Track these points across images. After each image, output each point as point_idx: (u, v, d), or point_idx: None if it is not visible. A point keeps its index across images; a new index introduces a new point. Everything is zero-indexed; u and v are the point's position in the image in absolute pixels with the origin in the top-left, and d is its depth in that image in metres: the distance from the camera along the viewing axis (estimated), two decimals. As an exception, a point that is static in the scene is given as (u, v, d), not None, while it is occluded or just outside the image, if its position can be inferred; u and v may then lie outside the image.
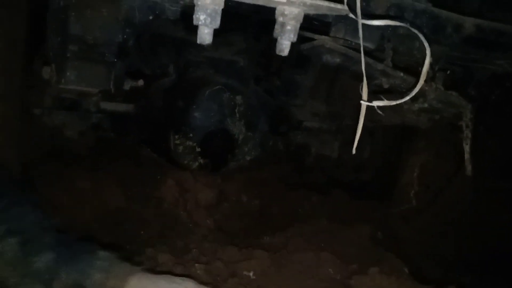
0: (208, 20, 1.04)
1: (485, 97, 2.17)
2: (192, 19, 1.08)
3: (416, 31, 1.22)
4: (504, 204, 2.25)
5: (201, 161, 2.56)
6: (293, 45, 1.17)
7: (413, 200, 2.60)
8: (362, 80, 1.27)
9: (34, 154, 2.22)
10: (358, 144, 1.31)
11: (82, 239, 1.24)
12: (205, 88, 2.50)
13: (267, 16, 1.21)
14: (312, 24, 1.68)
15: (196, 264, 1.74)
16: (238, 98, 2.59)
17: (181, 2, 1.63)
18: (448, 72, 1.90)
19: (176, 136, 2.51)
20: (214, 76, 2.55)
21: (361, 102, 1.19)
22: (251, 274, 1.76)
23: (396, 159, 2.86)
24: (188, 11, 1.68)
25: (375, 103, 1.22)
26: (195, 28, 1.09)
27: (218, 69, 2.56)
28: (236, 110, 2.59)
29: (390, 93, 1.67)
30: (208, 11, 1.03)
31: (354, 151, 1.30)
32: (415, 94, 1.33)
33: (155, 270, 1.56)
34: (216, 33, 1.10)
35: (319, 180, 2.86)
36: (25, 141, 2.08)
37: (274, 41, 1.18)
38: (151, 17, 1.68)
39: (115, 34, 1.71)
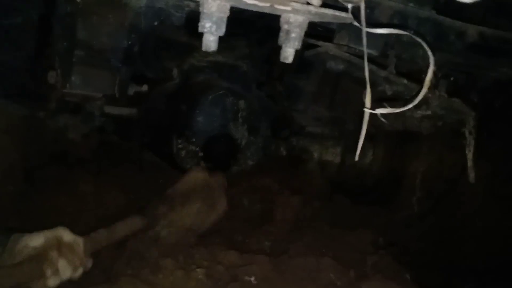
0: (214, 27, 1.05)
1: (489, 103, 2.17)
2: (196, 25, 1.09)
3: (419, 40, 1.23)
4: (508, 210, 2.24)
5: (204, 165, 2.57)
6: (296, 51, 1.18)
7: (415, 206, 2.60)
8: (365, 86, 1.28)
9: (38, 156, 2.23)
10: (360, 149, 1.32)
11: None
12: (208, 93, 2.51)
13: (270, 22, 1.22)
14: (316, 30, 1.69)
15: (198, 269, 1.74)
16: (241, 103, 2.60)
17: (186, 8, 1.65)
18: (452, 79, 1.90)
19: (179, 140, 2.52)
20: (217, 80, 2.56)
21: (364, 109, 1.20)
22: (252, 279, 1.76)
23: (399, 165, 2.86)
24: (192, 17, 1.70)
25: (378, 111, 1.22)
26: (199, 33, 1.10)
27: (221, 74, 2.57)
28: (239, 115, 2.60)
29: (393, 100, 1.67)
30: (214, 19, 1.04)
31: (357, 158, 1.31)
32: (418, 102, 1.33)
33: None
34: (220, 38, 1.11)
35: (321, 185, 2.86)
36: (29, 143, 2.10)
37: (277, 47, 1.19)
38: (156, 23, 1.69)
39: (121, 40, 1.72)
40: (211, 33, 1.06)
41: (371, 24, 1.25)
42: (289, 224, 2.34)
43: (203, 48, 1.08)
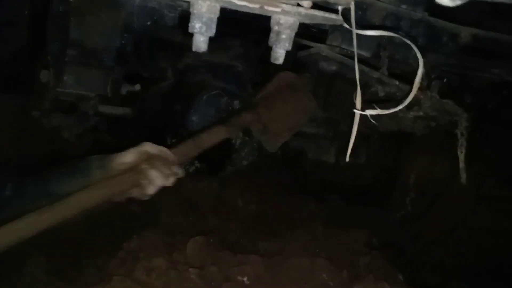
0: (204, 28, 1.05)
1: (482, 105, 2.18)
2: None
3: (409, 42, 1.23)
4: (503, 212, 2.25)
5: (198, 165, 2.57)
6: (290, 51, 1.18)
7: (409, 206, 2.60)
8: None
9: (33, 155, 2.23)
10: (354, 150, 1.32)
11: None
12: (202, 92, 2.50)
13: (265, 23, 1.22)
14: (309, 30, 1.69)
15: (190, 269, 1.74)
16: (236, 103, 2.59)
17: (179, 8, 1.64)
18: (445, 80, 1.90)
19: (173, 140, 2.51)
20: (212, 80, 2.55)
21: (354, 111, 1.20)
22: (245, 279, 1.76)
23: (393, 165, 2.87)
24: (186, 16, 1.69)
25: (368, 112, 1.23)
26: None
27: (216, 74, 2.56)
28: (233, 115, 2.59)
29: (385, 101, 1.68)
30: (204, 19, 1.04)
31: (347, 159, 1.31)
32: (410, 103, 1.34)
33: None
34: (214, 38, 1.11)
35: (316, 186, 2.86)
36: (23, 143, 2.10)
37: (270, 48, 1.19)
38: (149, 23, 1.69)
39: (113, 40, 1.72)
40: (201, 34, 1.06)
41: (363, 25, 1.26)
42: (283, 224, 2.34)
43: (193, 49, 1.08)
